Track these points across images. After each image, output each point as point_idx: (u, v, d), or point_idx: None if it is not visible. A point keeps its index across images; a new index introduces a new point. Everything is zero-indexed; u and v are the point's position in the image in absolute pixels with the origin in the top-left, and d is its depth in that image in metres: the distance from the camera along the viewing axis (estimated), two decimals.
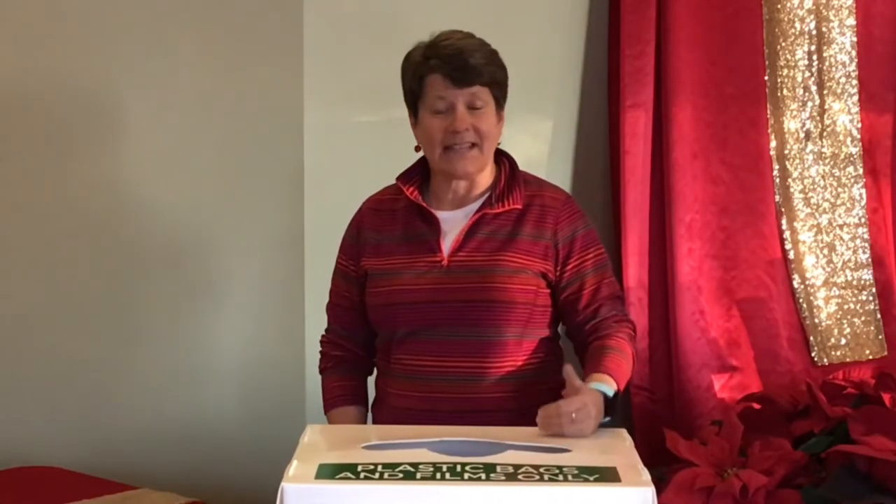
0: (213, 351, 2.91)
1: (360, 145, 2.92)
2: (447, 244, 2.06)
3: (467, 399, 2.01)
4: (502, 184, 2.09)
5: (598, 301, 2.06)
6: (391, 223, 2.13)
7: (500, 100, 2.07)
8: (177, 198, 2.86)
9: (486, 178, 2.10)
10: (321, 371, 2.24)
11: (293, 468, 1.52)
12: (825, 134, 3.12)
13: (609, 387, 1.93)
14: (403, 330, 2.06)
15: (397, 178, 2.14)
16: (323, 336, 2.25)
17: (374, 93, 2.80)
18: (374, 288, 2.10)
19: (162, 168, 2.85)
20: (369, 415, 2.20)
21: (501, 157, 2.14)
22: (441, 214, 2.09)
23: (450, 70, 1.99)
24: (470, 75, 2.00)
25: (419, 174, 2.14)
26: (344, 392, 2.18)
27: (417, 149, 2.12)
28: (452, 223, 2.08)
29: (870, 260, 3.11)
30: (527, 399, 2.02)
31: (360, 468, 1.51)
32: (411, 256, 2.07)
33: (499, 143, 2.11)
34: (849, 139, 3.12)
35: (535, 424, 1.95)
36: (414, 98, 2.06)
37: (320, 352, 2.25)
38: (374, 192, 2.22)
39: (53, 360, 2.76)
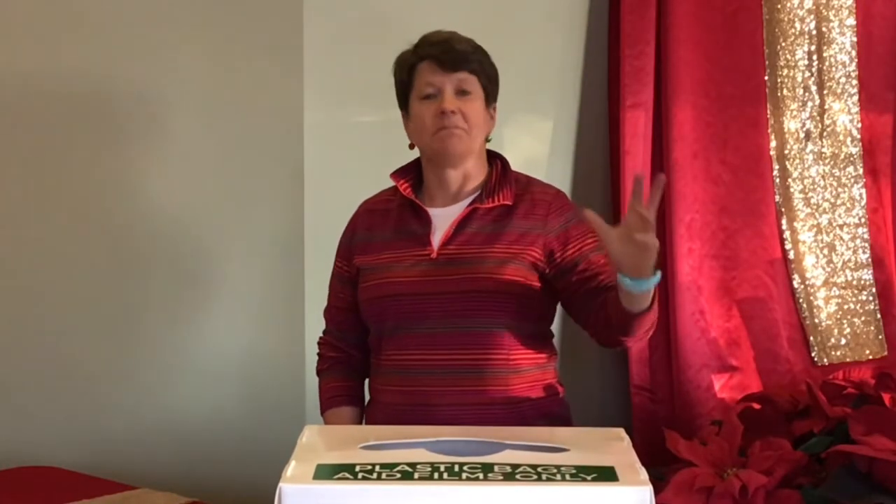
0: (213, 351, 2.91)
1: (360, 145, 2.92)
2: (437, 238, 2.07)
3: (459, 392, 2.00)
4: (493, 180, 2.10)
5: (609, 273, 1.99)
6: (384, 221, 2.15)
7: (489, 92, 2.08)
8: (177, 197, 2.87)
9: (477, 174, 2.11)
10: (318, 373, 2.25)
11: (291, 468, 1.52)
12: (825, 134, 3.12)
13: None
14: (392, 323, 2.06)
15: (391, 175, 2.15)
16: (320, 338, 2.26)
17: (374, 93, 2.79)
18: (363, 283, 2.12)
19: (162, 168, 2.85)
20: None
21: (494, 158, 2.15)
22: (433, 211, 2.10)
23: (437, 54, 2.04)
24: (457, 59, 2.04)
25: (413, 172, 2.16)
26: (339, 393, 2.18)
27: (412, 146, 2.13)
28: (444, 219, 2.09)
29: (870, 260, 3.12)
30: (518, 393, 2.03)
31: (357, 468, 1.51)
32: (401, 251, 2.08)
33: (489, 140, 2.13)
34: (849, 139, 3.12)
35: (527, 422, 1.95)
36: (405, 90, 2.10)
37: (317, 354, 2.26)
38: (372, 195, 2.24)
39: (53, 360, 2.77)
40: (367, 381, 2.22)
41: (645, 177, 1.80)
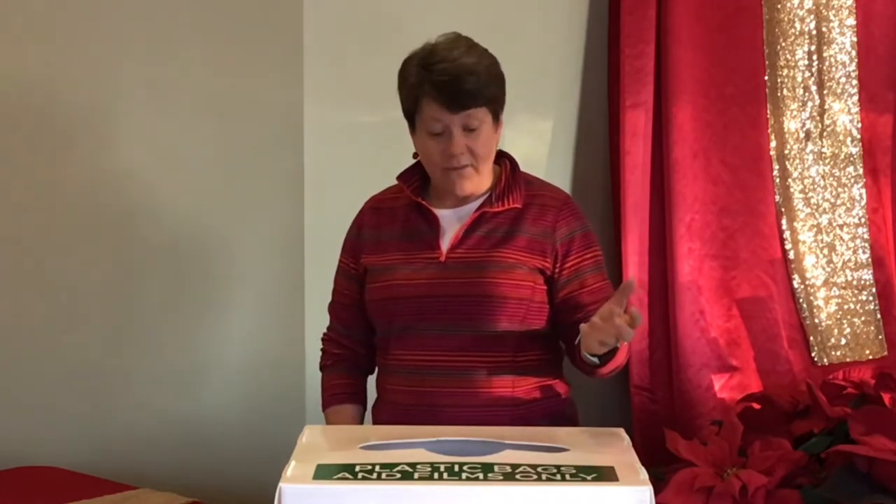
0: (213, 351, 2.91)
1: (360, 145, 2.92)
2: (446, 241, 2.07)
3: (465, 394, 2.01)
4: (503, 183, 2.09)
5: (599, 301, 2.03)
6: (391, 220, 2.14)
7: (497, 112, 2.06)
8: (177, 198, 2.87)
9: (486, 178, 2.11)
10: (321, 368, 2.25)
11: (291, 469, 1.52)
12: (825, 134, 3.12)
13: None
14: (400, 325, 2.06)
15: (398, 177, 2.15)
16: (324, 334, 2.26)
17: (374, 93, 2.80)
18: (372, 283, 2.12)
19: (162, 168, 2.85)
20: (368, 413, 2.21)
21: (502, 158, 2.15)
22: (441, 212, 2.10)
23: (444, 98, 1.98)
24: (464, 100, 1.98)
25: (420, 173, 2.15)
26: (342, 390, 2.19)
27: (415, 156, 2.12)
28: (452, 221, 2.09)
29: (870, 260, 3.11)
30: (525, 394, 2.04)
31: (357, 468, 1.51)
32: (409, 253, 2.08)
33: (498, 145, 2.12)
34: (849, 139, 3.12)
35: (534, 423, 1.96)
36: (411, 113, 2.06)
37: (321, 349, 2.26)
38: (376, 192, 2.23)
39: (53, 360, 2.77)
40: (371, 377, 2.23)
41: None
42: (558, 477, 1.49)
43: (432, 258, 2.06)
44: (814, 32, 3.10)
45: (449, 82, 1.97)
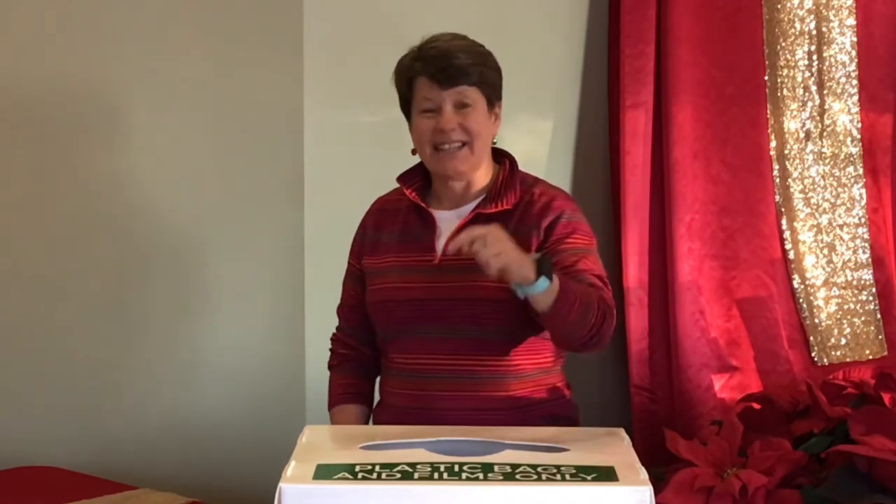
0: (214, 351, 2.91)
1: (360, 145, 2.93)
2: (441, 243, 2.06)
3: (463, 397, 2.01)
4: (499, 184, 2.09)
5: (572, 273, 1.97)
6: (392, 222, 2.15)
7: (491, 99, 2.06)
8: (177, 198, 2.87)
9: (483, 177, 2.11)
10: (329, 368, 2.26)
11: (291, 469, 1.52)
12: (825, 134, 3.12)
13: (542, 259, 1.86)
14: (396, 328, 2.07)
15: (398, 178, 2.15)
16: (333, 334, 2.27)
17: (374, 93, 2.78)
18: (370, 286, 2.12)
19: (162, 168, 2.85)
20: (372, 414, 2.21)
21: (503, 157, 2.14)
22: (439, 214, 2.10)
23: (434, 72, 2.01)
24: (454, 76, 2.00)
25: (420, 174, 2.15)
26: (346, 390, 2.19)
27: (414, 152, 2.12)
28: (449, 223, 2.08)
29: (870, 260, 3.11)
30: (523, 396, 2.03)
31: (357, 468, 1.51)
32: (406, 255, 2.08)
33: (495, 142, 2.11)
34: (849, 139, 3.12)
35: (533, 425, 1.95)
36: (406, 101, 2.09)
37: (329, 349, 2.26)
38: (383, 193, 2.23)
39: (53, 360, 2.76)
40: (377, 378, 2.22)
41: None
42: (558, 477, 1.49)
43: (427, 261, 2.06)
44: (814, 32, 3.11)
45: (439, 57, 2.01)
